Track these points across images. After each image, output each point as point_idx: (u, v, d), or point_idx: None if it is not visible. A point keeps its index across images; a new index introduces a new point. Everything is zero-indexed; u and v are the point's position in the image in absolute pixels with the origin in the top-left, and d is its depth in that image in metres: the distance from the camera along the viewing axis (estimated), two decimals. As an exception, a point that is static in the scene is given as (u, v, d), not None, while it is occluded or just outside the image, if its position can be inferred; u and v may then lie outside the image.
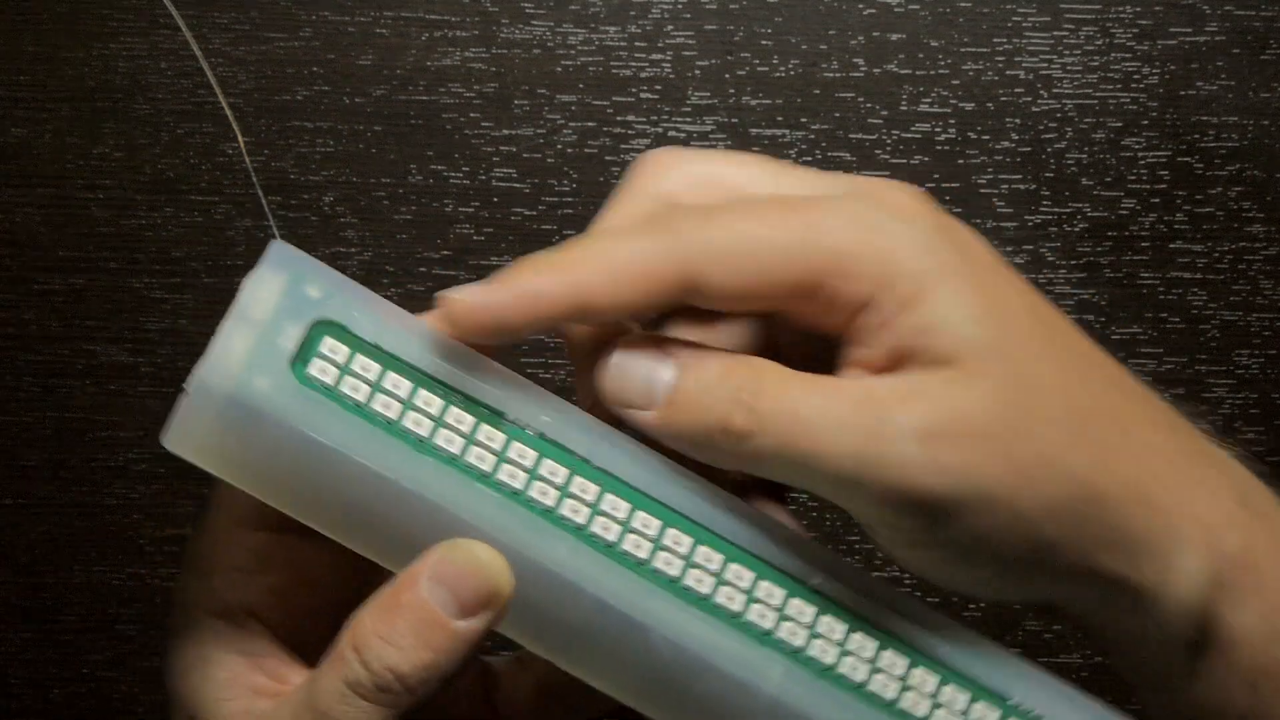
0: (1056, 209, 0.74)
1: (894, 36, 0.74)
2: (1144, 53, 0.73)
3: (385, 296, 0.47)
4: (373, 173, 0.74)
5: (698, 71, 0.74)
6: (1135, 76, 0.73)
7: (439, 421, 0.47)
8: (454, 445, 0.47)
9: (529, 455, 0.47)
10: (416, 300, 0.73)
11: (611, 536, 0.47)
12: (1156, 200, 0.73)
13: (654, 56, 0.74)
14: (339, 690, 0.46)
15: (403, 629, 0.46)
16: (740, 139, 0.73)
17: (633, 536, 0.47)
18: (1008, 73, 0.73)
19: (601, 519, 0.47)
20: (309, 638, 0.50)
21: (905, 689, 0.47)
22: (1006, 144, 0.74)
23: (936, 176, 0.73)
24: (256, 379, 0.46)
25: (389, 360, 0.47)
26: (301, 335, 0.46)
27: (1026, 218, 0.73)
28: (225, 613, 0.50)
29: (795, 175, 0.50)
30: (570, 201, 0.74)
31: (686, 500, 0.48)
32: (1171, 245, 0.73)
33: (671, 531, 0.47)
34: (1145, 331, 0.73)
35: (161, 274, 0.74)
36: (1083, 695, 0.48)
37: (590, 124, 0.74)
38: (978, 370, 0.46)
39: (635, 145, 0.74)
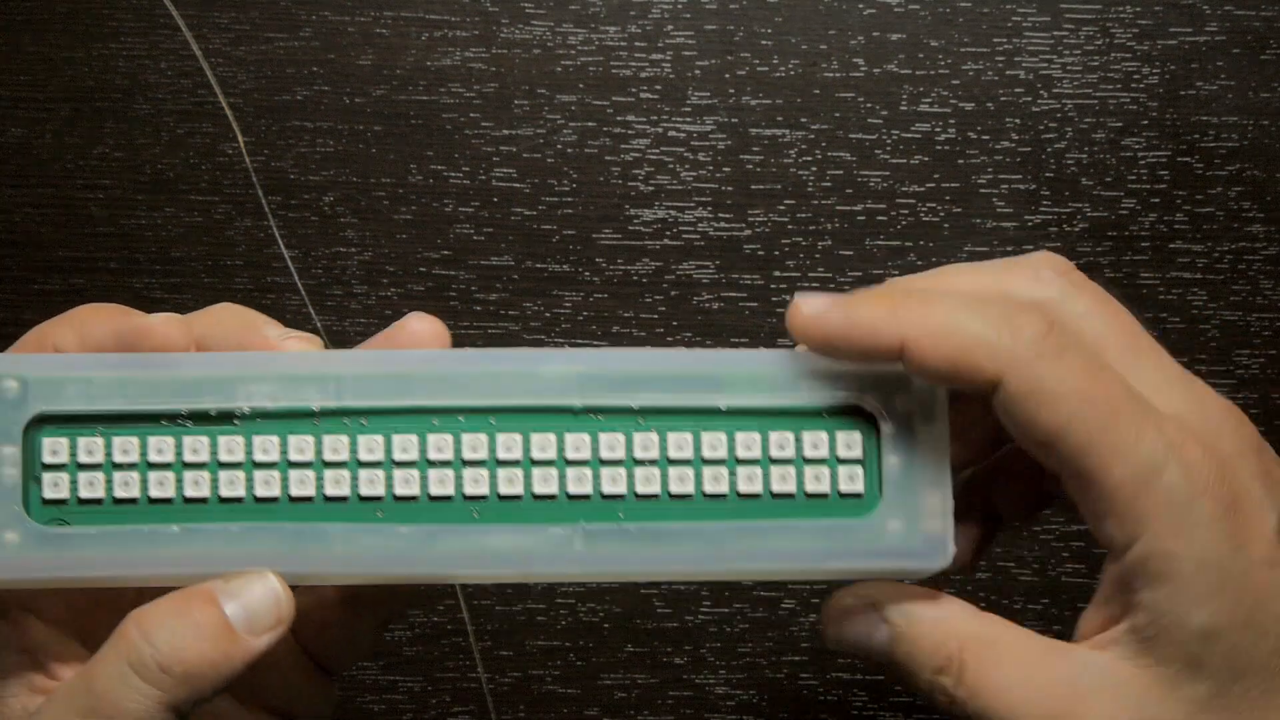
0: (1056, 209, 0.73)
1: (894, 36, 0.74)
2: (1144, 53, 0.73)
3: (385, 296, 0.47)
4: (373, 173, 0.74)
5: (698, 71, 0.74)
6: (1135, 76, 0.73)
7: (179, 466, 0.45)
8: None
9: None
10: (416, 300, 0.73)
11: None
12: (1156, 200, 0.73)
13: (654, 56, 0.74)
14: (120, 671, 0.46)
15: (195, 621, 0.46)
16: (740, 139, 0.73)
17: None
18: (1008, 73, 0.73)
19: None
20: (96, 626, 0.49)
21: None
22: (1006, 144, 0.74)
23: (936, 176, 0.73)
24: (4, 535, 0.43)
25: (110, 425, 0.43)
26: (18, 451, 0.41)
27: (1026, 218, 0.73)
28: (1, 613, 0.50)
29: None
30: (570, 201, 0.74)
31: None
32: (1171, 245, 0.73)
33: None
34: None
35: (161, 274, 0.74)
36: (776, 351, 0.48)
37: (590, 124, 0.74)
38: (1187, 679, 0.47)
39: (635, 145, 0.74)
